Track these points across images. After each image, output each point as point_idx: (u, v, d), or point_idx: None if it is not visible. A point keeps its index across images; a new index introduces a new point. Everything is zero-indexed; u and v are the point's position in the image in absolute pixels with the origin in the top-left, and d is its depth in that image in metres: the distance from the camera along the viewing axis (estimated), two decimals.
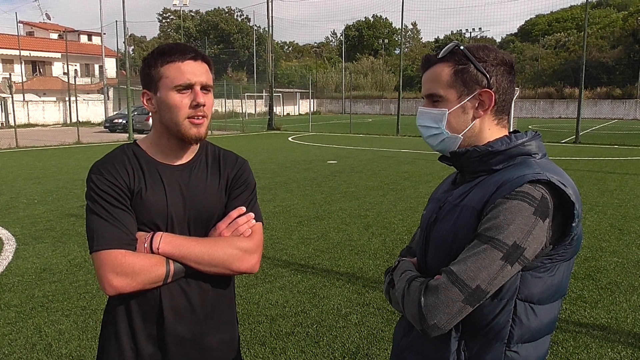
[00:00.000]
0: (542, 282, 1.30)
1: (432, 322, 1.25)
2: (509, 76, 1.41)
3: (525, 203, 1.23)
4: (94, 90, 45.02)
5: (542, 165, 1.32)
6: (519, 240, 1.22)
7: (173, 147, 1.65)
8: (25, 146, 20.48)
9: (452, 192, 1.47)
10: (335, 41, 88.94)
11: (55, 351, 3.77)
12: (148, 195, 1.59)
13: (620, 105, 47.76)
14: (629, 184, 10.98)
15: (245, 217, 1.68)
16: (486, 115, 1.41)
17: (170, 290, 1.60)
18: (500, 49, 1.45)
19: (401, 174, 12.52)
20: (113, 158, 1.63)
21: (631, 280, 5.18)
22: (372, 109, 60.04)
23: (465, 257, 1.26)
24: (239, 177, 1.74)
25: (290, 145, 21.40)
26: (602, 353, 3.72)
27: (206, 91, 1.60)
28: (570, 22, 63.64)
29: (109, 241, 1.51)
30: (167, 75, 1.56)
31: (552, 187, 1.25)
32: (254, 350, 3.76)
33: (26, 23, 54.07)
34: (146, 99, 1.64)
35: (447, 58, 1.40)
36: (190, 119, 1.58)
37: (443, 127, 1.43)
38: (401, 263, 1.53)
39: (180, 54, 1.57)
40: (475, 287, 1.23)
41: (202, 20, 72.06)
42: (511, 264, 1.23)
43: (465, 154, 1.42)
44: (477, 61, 1.37)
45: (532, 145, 1.39)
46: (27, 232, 7.05)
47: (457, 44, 1.40)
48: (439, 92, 1.42)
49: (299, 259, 5.87)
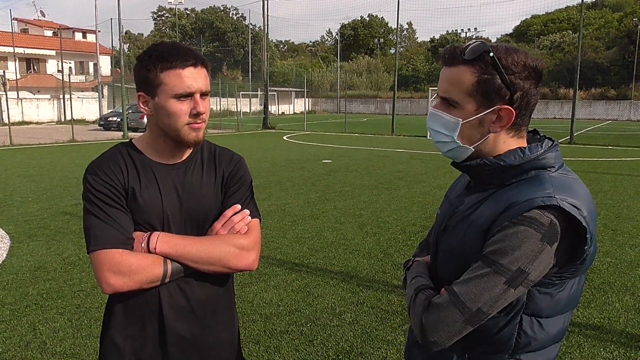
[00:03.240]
0: (549, 297, 1.27)
1: (432, 338, 1.25)
2: (535, 89, 1.31)
3: (532, 230, 1.19)
4: (89, 88, 44.83)
5: (555, 184, 1.25)
6: (523, 265, 1.19)
7: (169, 147, 1.65)
8: (19, 144, 20.38)
9: (464, 200, 1.42)
10: (330, 40, 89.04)
11: (50, 349, 3.76)
12: (143, 195, 1.59)
13: (614, 106, 48.04)
14: (622, 184, 11.04)
15: (240, 215, 1.67)
16: (503, 131, 1.33)
17: (169, 290, 1.61)
18: (530, 54, 1.32)
19: (396, 174, 12.54)
20: (108, 158, 1.63)
21: (624, 280, 5.21)
22: (367, 109, 60.14)
23: (468, 278, 1.24)
24: (235, 174, 1.73)
25: (285, 144, 21.39)
26: (594, 353, 3.74)
27: (205, 96, 1.60)
28: (565, 23, 63.90)
29: (106, 241, 1.51)
30: (166, 82, 1.54)
31: (561, 212, 1.19)
32: (248, 349, 3.76)
33: (20, 20, 53.83)
34: (142, 102, 1.61)
35: (474, 62, 1.28)
36: (189, 125, 1.58)
37: (455, 137, 1.35)
38: (415, 264, 1.51)
39: (181, 60, 1.53)
40: (476, 309, 1.21)
41: (198, 18, 71.91)
42: (514, 288, 1.21)
43: (476, 167, 1.35)
44: (505, 72, 1.26)
45: (547, 158, 1.31)
46: (21, 230, 7.02)
47: (487, 48, 1.27)
48: (456, 97, 1.32)
49: (293, 258, 5.88)
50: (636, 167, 14.17)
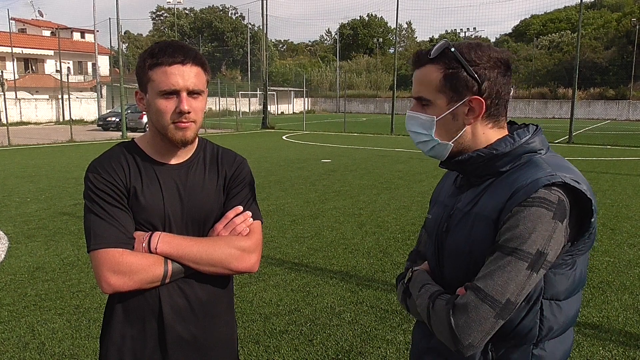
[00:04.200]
0: (565, 278, 1.29)
1: (466, 342, 1.22)
2: (503, 78, 1.34)
3: (543, 209, 1.20)
4: (87, 88, 44.78)
5: (550, 163, 1.29)
6: (541, 247, 1.20)
7: (167, 146, 1.64)
8: (17, 144, 20.36)
9: (459, 198, 1.42)
10: (329, 40, 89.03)
11: (49, 350, 3.76)
12: (144, 195, 1.59)
13: (613, 106, 48.09)
14: (621, 183, 11.05)
15: (242, 216, 1.67)
16: (477, 122, 1.36)
17: (169, 290, 1.60)
18: (494, 47, 1.38)
19: (395, 173, 12.54)
20: (110, 156, 1.63)
21: (622, 279, 5.21)
22: (367, 108, 60.13)
23: (490, 271, 1.22)
24: (237, 175, 1.73)
25: (285, 144, 21.38)
26: (593, 351, 3.74)
27: (195, 95, 1.57)
28: (564, 23, 63.96)
29: (107, 240, 1.50)
30: (154, 79, 1.53)
31: (567, 188, 1.22)
32: (248, 349, 3.76)
33: (18, 20, 53.72)
34: (139, 98, 1.63)
35: (438, 59, 1.34)
36: (175, 124, 1.56)
37: (432, 134, 1.38)
38: (416, 274, 1.48)
39: (168, 57, 1.52)
40: (506, 301, 1.20)
41: (196, 18, 71.83)
42: (537, 272, 1.21)
43: (469, 160, 1.37)
44: (468, 65, 1.30)
45: (535, 141, 1.35)
46: (20, 231, 7.01)
47: (448, 44, 1.33)
48: (427, 96, 1.37)
49: (292, 258, 5.87)
50: (635, 166, 14.18)
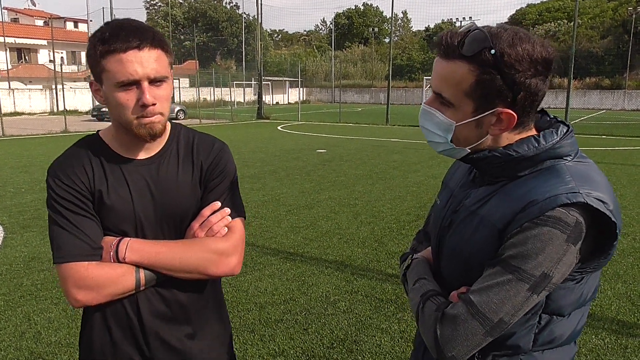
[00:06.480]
0: (569, 292, 1.17)
1: (449, 354, 1.13)
2: (543, 84, 1.16)
3: (558, 230, 1.07)
4: (81, 78, 44.46)
5: (575, 174, 1.13)
6: (547, 269, 1.08)
7: (134, 140, 1.45)
8: (11, 135, 20.26)
9: (469, 192, 1.29)
10: (325, 29, 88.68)
11: (45, 339, 3.77)
12: (111, 198, 1.43)
13: (608, 95, 48.14)
14: (615, 173, 11.10)
15: (219, 214, 1.50)
16: (503, 133, 1.20)
17: (147, 296, 1.48)
18: (537, 38, 1.15)
19: (390, 163, 12.56)
20: (72, 157, 1.47)
21: (616, 268, 5.26)
22: (362, 98, 59.99)
23: (487, 286, 1.11)
24: (216, 166, 1.54)
25: (280, 134, 21.34)
26: (586, 339, 3.78)
27: (158, 83, 1.37)
28: (560, 12, 63.81)
29: (70, 253, 1.37)
30: (108, 69, 1.33)
31: (588, 209, 1.07)
32: (243, 338, 3.78)
33: (10, 9, 53.20)
34: (94, 90, 1.42)
35: (473, 58, 1.12)
36: (139, 119, 1.37)
37: (448, 138, 1.22)
38: (415, 263, 1.41)
39: (121, 42, 1.30)
40: (499, 320, 1.10)
41: (190, 8, 71.32)
42: (537, 294, 1.10)
43: (484, 160, 1.22)
44: (508, 72, 1.10)
45: (564, 146, 1.18)
46: (15, 221, 7.00)
47: (489, 44, 1.10)
48: (451, 98, 1.18)
49: (288, 247, 5.89)
50: (629, 156, 14.25)
